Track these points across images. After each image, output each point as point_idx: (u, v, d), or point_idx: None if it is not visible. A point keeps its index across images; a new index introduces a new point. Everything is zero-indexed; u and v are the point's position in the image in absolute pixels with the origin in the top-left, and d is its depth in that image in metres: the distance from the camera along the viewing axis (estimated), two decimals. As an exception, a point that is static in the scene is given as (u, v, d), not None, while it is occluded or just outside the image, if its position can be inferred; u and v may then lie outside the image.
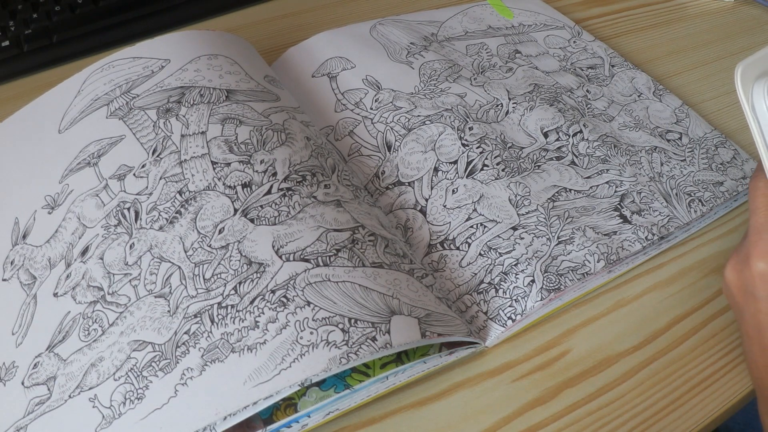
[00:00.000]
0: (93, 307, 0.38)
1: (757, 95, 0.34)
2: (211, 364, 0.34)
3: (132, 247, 0.39)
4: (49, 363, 0.37)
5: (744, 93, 0.34)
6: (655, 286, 0.44)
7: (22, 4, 0.58)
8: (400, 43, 0.57)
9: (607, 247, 0.43)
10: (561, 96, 0.54)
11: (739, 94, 0.34)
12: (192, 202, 0.40)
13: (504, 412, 0.37)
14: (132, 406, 0.34)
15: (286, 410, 0.35)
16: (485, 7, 0.63)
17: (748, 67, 0.34)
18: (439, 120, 0.50)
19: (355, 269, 0.38)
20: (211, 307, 0.36)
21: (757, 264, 0.35)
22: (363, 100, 0.52)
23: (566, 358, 0.40)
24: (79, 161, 0.44)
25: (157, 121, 0.44)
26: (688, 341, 0.41)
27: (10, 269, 0.41)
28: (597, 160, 0.49)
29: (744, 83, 0.34)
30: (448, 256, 0.43)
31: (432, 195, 0.46)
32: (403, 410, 0.37)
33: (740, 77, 0.34)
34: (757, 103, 0.34)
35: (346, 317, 0.35)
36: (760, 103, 0.34)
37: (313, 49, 0.56)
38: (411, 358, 0.37)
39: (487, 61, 0.57)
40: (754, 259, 0.35)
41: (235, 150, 0.42)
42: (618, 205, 0.46)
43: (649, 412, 0.38)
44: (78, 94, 0.47)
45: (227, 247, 0.38)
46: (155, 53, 0.47)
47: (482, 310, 0.41)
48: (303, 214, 0.40)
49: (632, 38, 0.63)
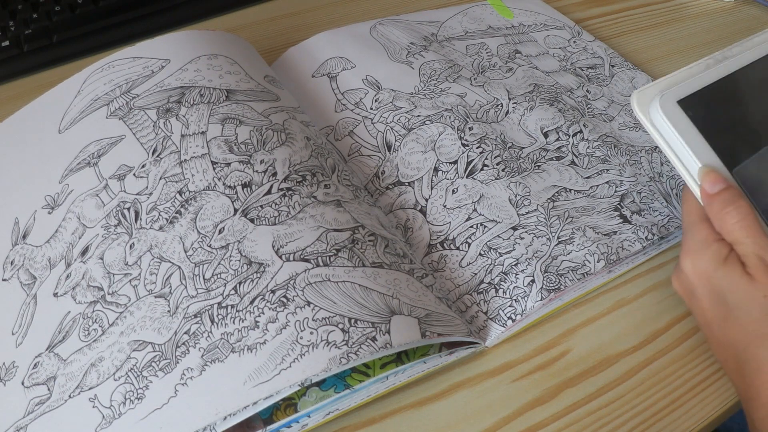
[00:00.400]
0: (93, 307, 0.38)
1: (653, 113, 0.38)
2: (211, 364, 0.34)
3: (132, 247, 0.39)
4: (49, 363, 0.37)
5: (643, 115, 0.38)
6: (655, 286, 0.44)
7: (22, 4, 0.58)
8: (400, 43, 0.57)
9: (607, 247, 0.43)
10: (561, 96, 0.54)
11: (641, 118, 0.39)
12: (192, 202, 0.40)
13: (504, 412, 0.37)
14: (132, 406, 0.34)
15: (286, 410, 0.35)
16: (485, 7, 0.63)
17: (641, 93, 0.39)
18: (439, 120, 0.50)
19: (355, 269, 0.38)
20: (211, 307, 0.36)
21: (685, 263, 0.37)
22: (363, 100, 0.52)
23: (566, 358, 0.40)
24: (79, 161, 0.44)
25: (157, 121, 0.44)
26: (688, 341, 0.41)
27: (10, 269, 0.41)
28: (597, 160, 0.49)
29: (641, 107, 0.39)
30: (448, 256, 0.43)
31: (432, 195, 0.46)
32: (403, 410, 0.37)
33: (637, 104, 0.39)
34: (656, 119, 0.38)
35: (346, 317, 0.35)
36: (657, 118, 0.38)
37: (313, 49, 0.56)
38: (411, 358, 0.37)
39: (487, 61, 0.57)
40: (682, 259, 0.38)
41: (235, 150, 0.42)
42: (618, 205, 0.46)
43: (649, 412, 0.38)
44: (78, 94, 0.47)
45: (227, 247, 0.38)
46: (155, 53, 0.47)
47: (482, 310, 0.41)
48: (303, 214, 0.40)
49: (632, 38, 0.63)
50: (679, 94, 0.38)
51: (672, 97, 0.38)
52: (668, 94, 0.38)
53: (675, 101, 0.38)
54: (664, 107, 0.37)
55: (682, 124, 0.37)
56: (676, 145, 0.38)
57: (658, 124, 0.38)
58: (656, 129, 0.38)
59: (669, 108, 0.37)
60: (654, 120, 0.38)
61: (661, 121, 0.37)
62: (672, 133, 0.37)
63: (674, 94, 0.38)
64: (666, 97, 0.37)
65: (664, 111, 0.37)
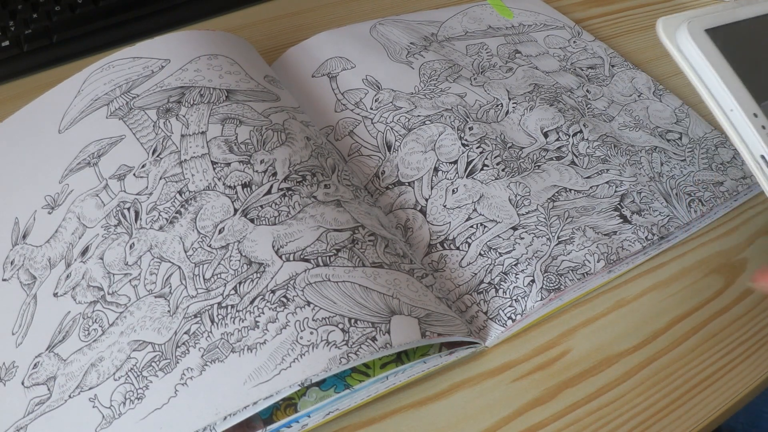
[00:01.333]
0: (93, 307, 0.38)
1: (681, 39, 0.36)
2: (211, 364, 0.34)
3: (132, 247, 0.39)
4: (49, 363, 0.37)
5: (669, 41, 0.36)
6: (655, 286, 0.44)
7: (22, 4, 0.58)
8: (400, 43, 0.57)
9: (607, 247, 0.43)
10: (561, 96, 0.54)
11: (666, 44, 0.37)
12: (192, 202, 0.40)
13: (504, 412, 0.37)
14: (132, 406, 0.34)
15: (286, 410, 0.35)
16: (485, 7, 0.63)
17: (667, 21, 0.37)
18: (439, 120, 0.50)
19: (355, 269, 0.38)
20: (211, 307, 0.36)
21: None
22: (363, 100, 0.52)
23: (566, 358, 0.40)
24: (79, 161, 0.44)
25: (157, 121, 0.44)
26: (688, 341, 0.41)
27: (10, 269, 0.41)
28: (597, 160, 0.49)
29: (668, 33, 0.37)
30: (448, 256, 0.43)
31: (432, 195, 0.46)
32: (403, 410, 0.37)
33: (663, 30, 0.37)
34: (683, 45, 0.36)
35: (346, 317, 0.35)
36: (686, 44, 0.36)
37: (313, 49, 0.56)
38: (411, 358, 0.37)
39: (487, 61, 0.57)
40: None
41: (235, 150, 0.42)
42: (618, 205, 0.46)
43: (649, 412, 0.38)
44: (78, 94, 0.47)
45: (227, 247, 0.38)
46: (155, 53, 0.47)
47: (482, 310, 0.41)
48: (303, 214, 0.40)
49: (632, 38, 0.63)
50: (708, 24, 0.37)
51: (701, 24, 0.36)
52: (696, 22, 0.36)
53: (703, 30, 0.36)
54: (693, 33, 0.36)
55: (711, 53, 0.36)
56: (704, 73, 0.36)
57: (685, 49, 0.36)
58: (683, 55, 0.36)
59: (698, 35, 0.36)
60: (681, 45, 0.36)
61: (689, 46, 0.36)
62: (701, 60, 0.36)
63: (704, 21, 0.36)
64: (694, 23, 0.36)
65: (694, 37, 0.36)
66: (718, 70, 0.36)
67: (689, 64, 0.36)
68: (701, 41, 0.36)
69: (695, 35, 0.36)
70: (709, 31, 0.36)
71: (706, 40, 0.36)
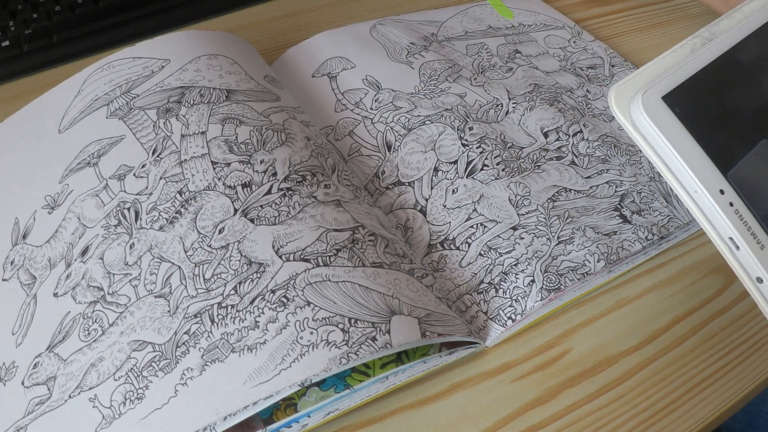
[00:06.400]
0: (93, 307, 0.38)
1: (635, 114, 0.32)
2: (211, 364, 0.34)
3: (132, 247, 0.39)
4: (49, 363, 0.37)
5: (623, 115, 0.33)
6: (655, 286, 0.44)
7: (22, 4, 0.58)
8: (400, 43, 0.57)
9: (607, 247, 0.43)
10: (561, 96, 0.54)
11: (620, 119, 0.33)
12: (192, 202, 0.40)
13: (504, 412, 0.37)
14: (132, 406, 0.34)
15: (286, 410, 0.35)
16: (485, 7, 0.63)
17: (620, 89, 0.33)
18: (439, 120, 0.50)
19: (355, 269, 0.38)
20: (211, 307, 0.36)
21: None
22: (363, 100, 0.52)
23: (566, 358, 0.40)
24: (79, 161, 0.44)
25: (157, 121, 0.44)
26: (688, 341, 0.41)
27: (10, 269, 0.41)
28: (597, 160, 0.49)
29: (620, 106, 0.33)
30: (448, 256, 0.43)
31: (432, 195, 0.46)
32: (403, 410, 0.37)
33: (615, 102, 0.33)
34: (638, 121, 0.32)
35: (346, 317, 0.35)
36: (641, 120, 0.32)
37: (313, 49, 0.56)
38: (411, 358, 0.37)
39: (487, 61, 0.57)
40: None
41: (235, 150, 0.42)
42: (618, 205, 0.46)
43: (649, 412, 0.38)
44: (78, 94, 0.47)
45: (227, 247, 0.38)
46: (155, 53, 0.47)
47: (482, 310, 0.41)
48: (303, 214, 0.40)
49: (632, 38, 0.63)
50: (664, 89, 0.32)
51: (656, 92, 0.32)
52: (652, 90, 0.32)
53: (659, 97, 0.32)
54: (647, 106, 0.32)
55: (670, 126, 0.32)
56: (664, 152, 0.32)
57: (641, 126, 0.32)
58: (639, 132, 0.32)
59: (653, 106, 0.32)
60: (637, 122, 0.32)
61: (645, 123, 0.32)
62: (659, 138, 0.32)
63: (659, 88, 0.32)
64: (649, 93, 0.32)
65: (648, 111, 0.32)
66: (678, 149, 0.32)
67: (647, 143, 0.32)
68: (658, 114, 0.32)
69: (651, 108, 0.32)
70: (667, 97, 0.32)
71: (663, 111, 0.32)
